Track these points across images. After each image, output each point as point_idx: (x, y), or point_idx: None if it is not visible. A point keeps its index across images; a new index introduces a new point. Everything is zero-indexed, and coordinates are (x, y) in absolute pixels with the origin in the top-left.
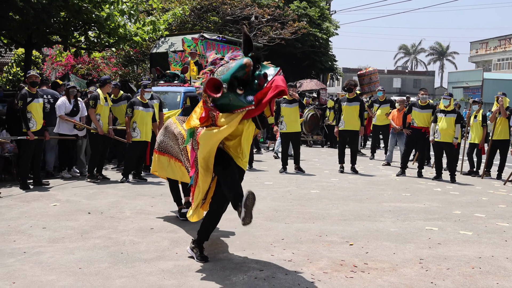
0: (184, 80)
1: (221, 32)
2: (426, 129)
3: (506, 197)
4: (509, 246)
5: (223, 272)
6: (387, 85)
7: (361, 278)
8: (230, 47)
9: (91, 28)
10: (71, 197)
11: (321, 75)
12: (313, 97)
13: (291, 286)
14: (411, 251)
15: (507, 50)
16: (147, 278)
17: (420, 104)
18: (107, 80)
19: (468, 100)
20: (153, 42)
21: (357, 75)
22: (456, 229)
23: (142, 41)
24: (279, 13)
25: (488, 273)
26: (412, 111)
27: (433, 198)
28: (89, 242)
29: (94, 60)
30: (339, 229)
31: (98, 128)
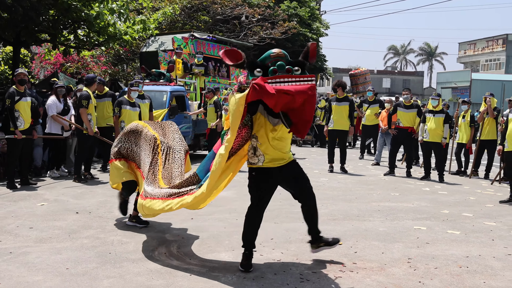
0: (169, 79)
1: (211, 31)
2: (411, 129)
3: (494, 197)
4: (496, 245)
5: (212, 272)
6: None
7: (349, 277)
8: (220, 46)
9: (80, 26)
10: (59, 197)
11: None
12: None
13: (279, 286)
14: (400, 251)
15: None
16: (135, 278)
17: (404, 104)
18: (94, 79)
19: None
20: (143, 41)
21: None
22: (444, 229)
23: (132, 40)
24: (269, 13)
25: (475, 272)
26: (397, 111)
27: (422, 198)
28: (77, 242)
29: (84, 59)
30: (328, 229)
31: (88, 129)
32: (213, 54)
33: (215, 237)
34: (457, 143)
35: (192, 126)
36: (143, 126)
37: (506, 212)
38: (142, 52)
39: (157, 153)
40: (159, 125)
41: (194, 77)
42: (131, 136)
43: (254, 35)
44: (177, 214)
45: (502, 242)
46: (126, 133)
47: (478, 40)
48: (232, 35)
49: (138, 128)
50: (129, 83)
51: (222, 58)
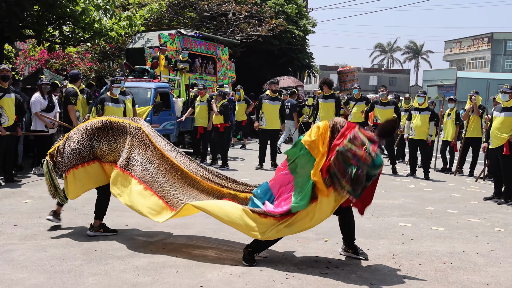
0: (154, 75)
1: (198, 28)
2: None
3: (478, 194)
4: (479, 241)
5: (198, 269)
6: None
7: (335, 273)
8: (207, 43)
9: (65, 22)
10: (44, 194)
11: (298, 72)
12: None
13: (266, 282)
14: (385, 247)
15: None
16: (121, 275)
17: (381, 101)
18: (79, 75)
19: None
20: (129, 37)
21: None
22: (429, 225)
23: (118, 37)
24: (256, 10)
25: (459, 268)
26: (374, 108)
27: (407, 195)
28: (62, 240)
29: (69, 55)
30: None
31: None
32: (200, 51)
33: (202, 234)
34: (442, 140)
35: (176, 123)
36: (113, 121)
37: (490, 209)
38: (128, 49)
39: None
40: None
41: (179, 74)
42: (103, 134)
43: (241, 32)
44: None
45: (485, 238)
46: (95, 131)
47: (464, 38)
48: (219, 32)
49: (108, 123)
50: (110, 80)
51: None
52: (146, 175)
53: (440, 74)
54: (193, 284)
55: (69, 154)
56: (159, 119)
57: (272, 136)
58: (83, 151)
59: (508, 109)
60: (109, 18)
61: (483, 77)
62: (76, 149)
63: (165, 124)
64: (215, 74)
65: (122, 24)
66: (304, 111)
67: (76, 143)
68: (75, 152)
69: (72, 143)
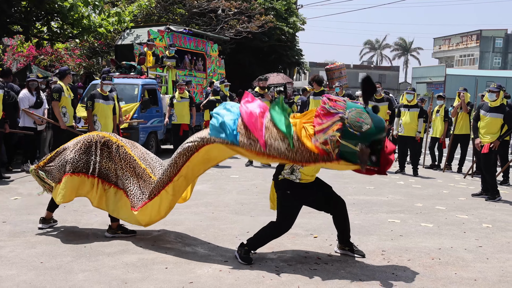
0: (141, 71)
1: (187, 24)
2: None
3: (466, 190)
4: (467, 237)
5: (188, 265)
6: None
7: (324, 269)
8: (196, 40)
9: (53, 18)
10: (33, 191)
11: (287, 69)
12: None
13: (255, 278)
14: (374, 243)
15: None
16: (111, 271)
17: (375, 98)
18: (66, 71)
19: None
20: (118, 33)
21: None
22: (417, 221)
23: (107, 33)
24: (246, 7)
25: (447, 264)
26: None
27: (396, 191)
28: (51, 236)
29: (57, 51)
30: (303, 222)
31: (60, 122)
32: (189, 48)
33: (191, 230)
34: (431, 137)
35: (163, 120)
36: (114, 140)
37: (478, 205)
38: (117, 45)
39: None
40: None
41: (166, 70)
42: (103, 150)
43: (231, 28)
44: None
45: (473, 234)
46: (95, 145)
47: (452, 35)
48: (208, 29)
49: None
50: (102, 77)
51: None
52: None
53: (429, 71)
54: (183, 280)
55: (64, 162)
56: (146, 116)
57: None
58: (77, 161)
59: (495, 110)
60: (98, 14)
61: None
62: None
63: (152, 121)
64: (205, 71)
65: (111, 20)
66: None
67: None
68: (70, 161)
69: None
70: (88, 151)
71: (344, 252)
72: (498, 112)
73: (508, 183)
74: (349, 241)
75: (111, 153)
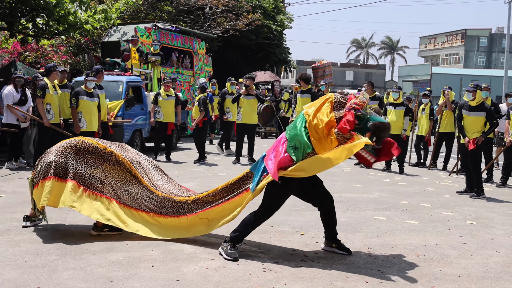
0: (125, 68)
1: (175, 22)
2: None
3: (451, 188)
4: (452, 234)
5: (174, 263)
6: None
7: (311, 267)
8: (184, 37)
9: (39, 14)
10: (17, 189)
11: (275, 67)
12: (267, 89)
13: (242, 275)
14: (360, 240)
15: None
16: (96, 270)
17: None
18: (51, 68)
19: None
20: (105, 30)
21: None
22: (403, 219)
23: (93, 30)
24: (233, 4)
25: (432, 261)
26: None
27: (382, 189)
28: (36, 235)
29: (43, 48)
30: (290, 220)
31: (44, 119)
32: (176, 45)
33: None
34: (417, 135)
35: (148, 118)
36: (101, 147)
37: (463, 203)
38: (104, 42)
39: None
40: (116, 145)
41: (151, 67)
42: (87, 156)
43: (218, 26)
44: None
45: (458, 231)
46: (78, 151)
47: (438, 34)
48: (195, 26)
49: (93, 148)
50: (85, 73)
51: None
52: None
53: (415, 69)
54: (169, 278)
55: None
56: (131, 113)
57: (249, 130)
58: (57, 165)
59: (476, 109)
60: (84, 11)
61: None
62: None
63: (137, 118)
64: (192, 68)
65: (98, 17)
66: (280, 106)
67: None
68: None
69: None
70: (69, 156)
71: (330, 249)
72: (480, 111)
73: (492, 181)
74: (336, 238)
75: (96, 160)
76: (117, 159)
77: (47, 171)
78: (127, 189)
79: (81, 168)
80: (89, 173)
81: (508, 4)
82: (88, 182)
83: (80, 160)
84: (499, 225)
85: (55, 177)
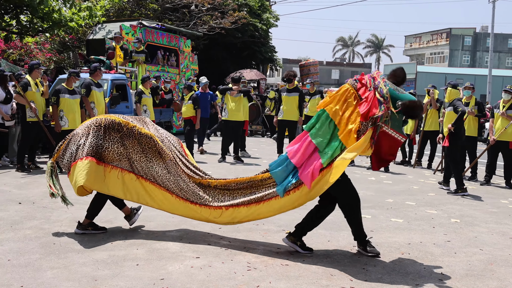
0: (110, 66)
1: (160, 20)
2: None
3: (435, 186)
4: (436, 232)
5: (159, 262)
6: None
7: (296, 265)
8: (169, 35)
9: (23, 11)
10: (1, 187)
11: (260, 65)
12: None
13: (227, 274)
14: (345, 239)
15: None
16: (81, 268)
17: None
18: (34, 66)
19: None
20: (90, 28)
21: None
22: (388, 217)
23: (78, 27)
24: (219, 2)
25: (417, 258)
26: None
27: (368, 187)
28: (19, 233)
29: (27, 46)
30: (275, 218)
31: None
32: (162, 43)
33: (163, 226)
34: None
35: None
36: (124, 123)
37: (447, 201)
38: (89, 40)
39: (170, 157)
40: (137, 119)
41: (135, 65)
42: (112, 134)
43: (204, 24)
44: None
45: (442, 229)
46: (104, 130)
47: (423, 33)
48: (181, 24)
49: (117, 125)
50: (69, 72)
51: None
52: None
53: None
54: (154, 277)
55: (75, 149)
56: (116, 112)
57: (235, 128)
58: (90, 146)
59: (450, 104)
60: (68, 8)
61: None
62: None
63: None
64: (178, 67)
65: (82, 14)
66: (266, 104)
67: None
68: (81, 146)
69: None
70: (98, 135)
71: (293, 246)
72: (451, 106)
73: (476, 179)
74: (302, 236)
75: (123, 137)
76: (141, 133)
77: (79, 153)
78: (152, 167)
79: (108, 146)
80: (117, 151)
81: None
82: (113, 160)
83: (107, 138)
84: (482, 223)
85: (90, 157)
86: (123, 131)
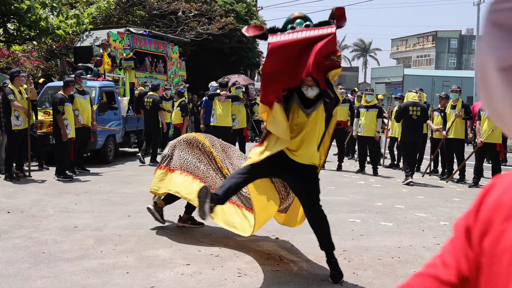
0: (97, 73)
1: (147, 26)
2: (344, 123)
3: (424, 189)
4: (426, 235)
5: (149, 269)
6: None
7: (286, 270)
8: (157, 41)
9: (10, 20)
10: None
11: (248, 70)
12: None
13: (217, 281)
14: (335, 243)
15: (425, 47)
16: (70, 277)
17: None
18: (14, 74)
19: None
20: (77, 35)
21: None
22: (377, 221)
23: (65, 35)
24: (206, 8)
25: (407, 262)
26: None
27: (357, 191)
28: (8, 243)
29: (14, 54)
30: (266, 224)
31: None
32: (149, 50)
33: (153, 234)
34: (390, 137)
35: (122, 123)
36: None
37: (436, 204)
38: (76, 47)
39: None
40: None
41: (124, 72)
42: (194, 148)
43: (191, 30)
44: (114, 212)
45: (431, 232)
46: (188, 144)
47: (409, 36)
48: (168, 31)
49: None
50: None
51: (245, 32)
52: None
53: (388, 71)
54: (144, 285)
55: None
56: (104, 119)
57: (223, 133)
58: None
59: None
60: (56, 16)
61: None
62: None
63: (110, 124)
64: (165, 73)
65: (70, 22)
66: (255, 109)
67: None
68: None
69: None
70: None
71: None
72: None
73: (465, 181)
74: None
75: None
76: (209, 152)
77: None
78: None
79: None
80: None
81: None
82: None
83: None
84: None
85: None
86: (196, 146)
